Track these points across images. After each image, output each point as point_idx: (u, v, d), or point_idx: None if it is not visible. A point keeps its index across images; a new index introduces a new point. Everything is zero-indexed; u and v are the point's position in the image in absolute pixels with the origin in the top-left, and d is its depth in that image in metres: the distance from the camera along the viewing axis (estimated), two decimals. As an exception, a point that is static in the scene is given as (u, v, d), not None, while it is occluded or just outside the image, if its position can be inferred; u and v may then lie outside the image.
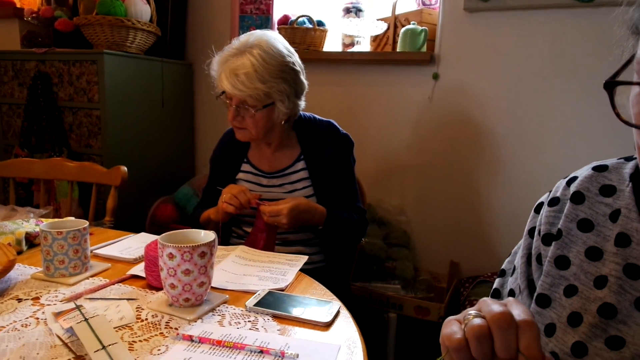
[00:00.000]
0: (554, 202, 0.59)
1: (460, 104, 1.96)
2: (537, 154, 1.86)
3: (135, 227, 1.64)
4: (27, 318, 0.76)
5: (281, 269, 1.02)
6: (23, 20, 2.32)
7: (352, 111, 2.17)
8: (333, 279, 1.24)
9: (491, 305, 0.42)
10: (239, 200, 1.18)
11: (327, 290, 0.93)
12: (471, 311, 0.43)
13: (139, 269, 0.97)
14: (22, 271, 0.95)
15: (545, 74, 1.80)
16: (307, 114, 1.39)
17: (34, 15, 2.26)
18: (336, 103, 2.19)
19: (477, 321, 0.41)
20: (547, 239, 0.57)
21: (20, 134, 2.13)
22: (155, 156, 2.29)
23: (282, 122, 1.27)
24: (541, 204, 0.62)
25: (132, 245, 1.12)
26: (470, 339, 0.40)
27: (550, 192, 0.62)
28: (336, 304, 0.85)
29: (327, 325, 0.78)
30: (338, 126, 1.37)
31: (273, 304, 0.84)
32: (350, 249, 1.52)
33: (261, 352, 0.69)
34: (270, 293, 0.88)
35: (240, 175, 1.36)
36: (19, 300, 0.83)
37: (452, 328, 0.43)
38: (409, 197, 2.10)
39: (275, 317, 0.80)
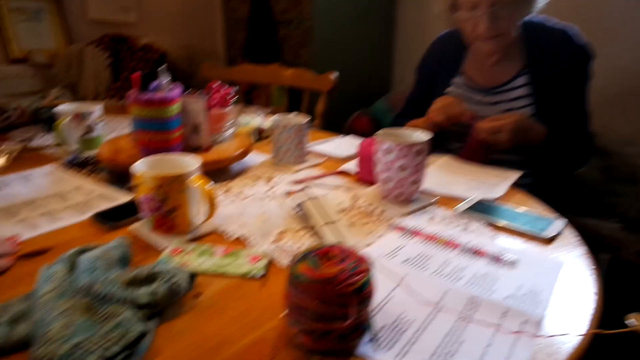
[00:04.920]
0: None
1: None
2: None
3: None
4: (265, 192, 0.89)
5: (491, 181, 0.96)
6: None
7: (598, 14, 1.80)
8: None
9: None
10: (451, 110, 1.11)
11: (549, 207, 0.85)
12: None
13: (351, 165, 1.02)
14: (255, 158, 1.10)
15: None
16: (538, 17, 1.19)
17: None
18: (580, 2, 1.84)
19: None
20: None
21: (243, 46, 2.39)
22: (355, 69, 2.34)
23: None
24: None
25: (342, 144, 1.19)
26: None
27: None
28: (561, 221, 0.77)
29: (548, 241, 0.72)
30: (576, 34, 1.15)
31: (486, 211, 0.80)
32: (564, 178, 1.34)
33: (475, 253, 0.67)
34: (481, 202, 0.84)
35: (451, 88, 1.26)
36: (257, 178, 0.96)
37: None
38: (644, 127, 1.73)
39: (490, 224, 0.77)
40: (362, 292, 0.46)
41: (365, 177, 0.94)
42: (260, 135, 1.26)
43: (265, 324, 0.52)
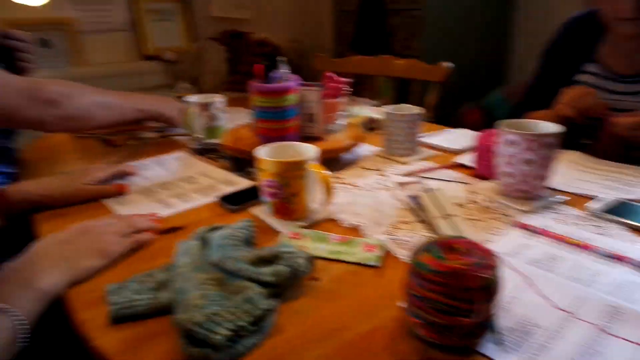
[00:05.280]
0: None
1: None
2: None
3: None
4: (376, 183, 0.88)
5: (628, 180, 0.86)
6: None
7: None
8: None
9: None
10: (583, 103, 0.99)
11: None
12: None
13: (465, 158, 0.98)
14: (365, 149, 1.10)
15: None
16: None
17: None
18: None
19: None
20: None
21: (352, 38, 2.40)
22: (466, 58, 2.23)
23: None
24: None
25: (455, 137, 1.15)
26: None
27: None
28: None
29: None
30: None
31: (625, 212, 0.72)
32: None
33: (613, 258, 0.61)
34: (620, 202, 0.76)
35: (582, 77, 1.14)
36: (367, 169, 0.97)
37: None
38: None
39: (631, 227, 0.69)
40: (489, 288, 0.43)
41: (483, 171, 0.89)
42: (371, 126, 1.26)
43: (381, 313, 0.52)
